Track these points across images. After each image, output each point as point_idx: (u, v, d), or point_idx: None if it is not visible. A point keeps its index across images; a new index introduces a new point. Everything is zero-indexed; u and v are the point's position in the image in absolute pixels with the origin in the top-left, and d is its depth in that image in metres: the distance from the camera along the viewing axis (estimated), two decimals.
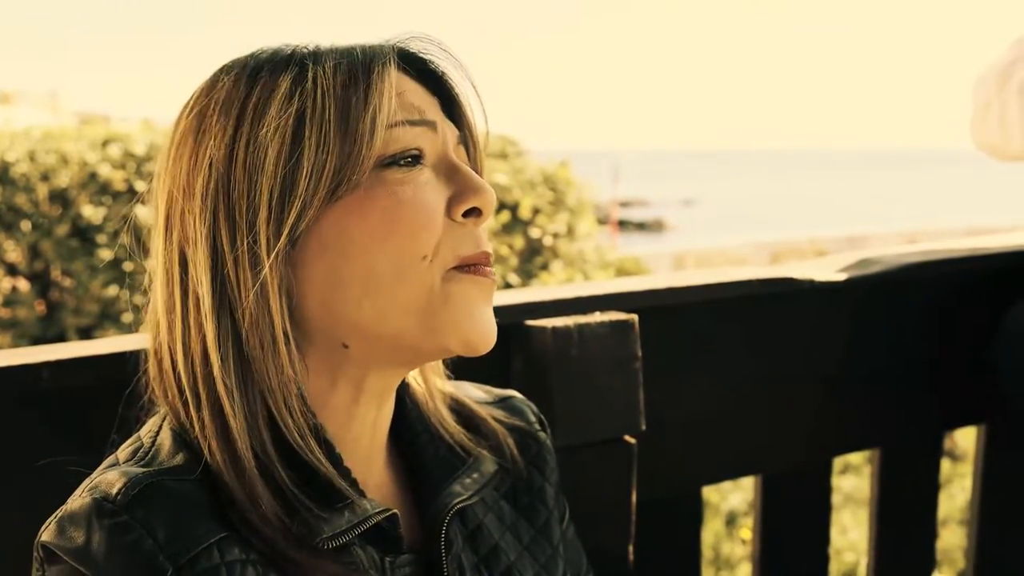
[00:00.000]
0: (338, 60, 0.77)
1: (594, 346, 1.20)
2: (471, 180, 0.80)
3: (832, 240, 17.92)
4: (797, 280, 1.43)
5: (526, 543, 0.92)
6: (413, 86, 0.81)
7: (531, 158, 6.59)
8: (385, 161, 0.77)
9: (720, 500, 4.21)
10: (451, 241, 0.78)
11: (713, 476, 1.52)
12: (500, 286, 6.21)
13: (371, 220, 0.75)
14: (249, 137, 0.74)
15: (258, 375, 0.74)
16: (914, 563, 1.73)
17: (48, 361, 1.03)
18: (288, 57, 0.78)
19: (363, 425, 0.82)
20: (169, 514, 0.71)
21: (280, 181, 0.74)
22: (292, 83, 0.75)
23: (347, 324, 0.77)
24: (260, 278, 0.74)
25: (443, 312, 0.77)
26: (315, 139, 0.74)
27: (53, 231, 5.33)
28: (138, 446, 0.78)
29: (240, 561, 0.72)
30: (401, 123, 0.77)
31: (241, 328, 0.74)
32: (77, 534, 0.70)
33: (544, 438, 0.99)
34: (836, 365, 1.54)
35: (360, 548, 0.78)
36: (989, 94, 1.56)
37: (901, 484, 1.67)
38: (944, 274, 1.61)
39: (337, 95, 0.75)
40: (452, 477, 0.87)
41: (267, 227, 0.74)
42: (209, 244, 0.75)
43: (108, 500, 0.71)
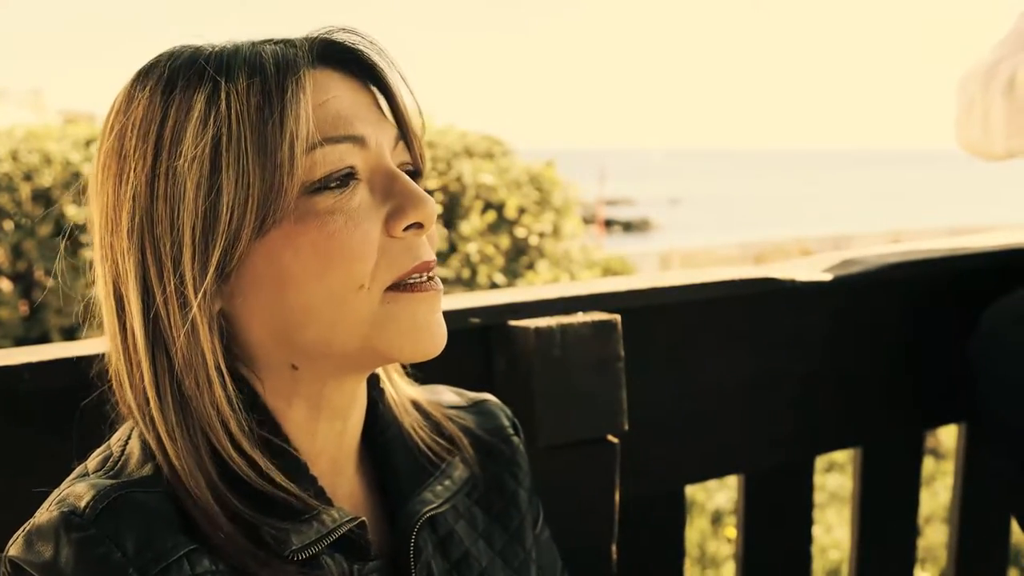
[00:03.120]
0: (251, 75, 0.72)
1: (577, 346, 1.20)
2: (409, 193, 0.76)
3: (817, 240, 17.99)
4: (779, 280, 1.44)
5: (498, 549, 0.92)
6: (340, 85, 0.77)
7: (517, 158, 6.59)
8: (313, 187, 0.74)
9: (706, 499, 4.22)
10: (388, 260, 0.76)
11: (696, 475, 1.52)
12: (486, 286, 6.22)
13: (303, 254, 0.73)
14: (168, 168, 0.72)
15: (196, 413, 0.73)
16: (896, 560, 1.74)
17: (29, 363, 1.02)
18: (201, 69, 0.73)
19: (327, 438, 0.82)
20: (138, 527, 0.70)
21: (202, 217, 0.71)
22: (206, 104, 0.72)
23: (293, 349, 0.77)
24: (189, 319, 0.72)
25: (386, 331, 0.76)
26: (233, 171, 0.71)
27: (36, 231, 5.30)
28: (108, 455, 0.78)
29: (210, 572, 0.71)
30: (325, 142, 0.74)
31: (176, 366, 0.73)
32: (45, 548, 0.69)
33: (517, 443, 0.98)
34: (818, 364, 1.55)
35: (329, 557, 0.77)
36: (973, 94, 1.57)
37: (883, 482, 1.68)
38: (925, 274, 1.62)
39: (252, 121, 0.71)
40: (423, 485, 0.87)
41: (192, 266, 0.72)
42: (139, 282, 0.74)
43: (76, 513, 0.70)
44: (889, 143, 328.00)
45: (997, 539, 1.87)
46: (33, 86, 71.90)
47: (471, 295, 1.29)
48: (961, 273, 1.67)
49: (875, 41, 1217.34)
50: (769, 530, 1.58)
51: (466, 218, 5.67)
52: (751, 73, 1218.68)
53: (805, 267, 1.52)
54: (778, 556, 1.60)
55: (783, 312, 1.50)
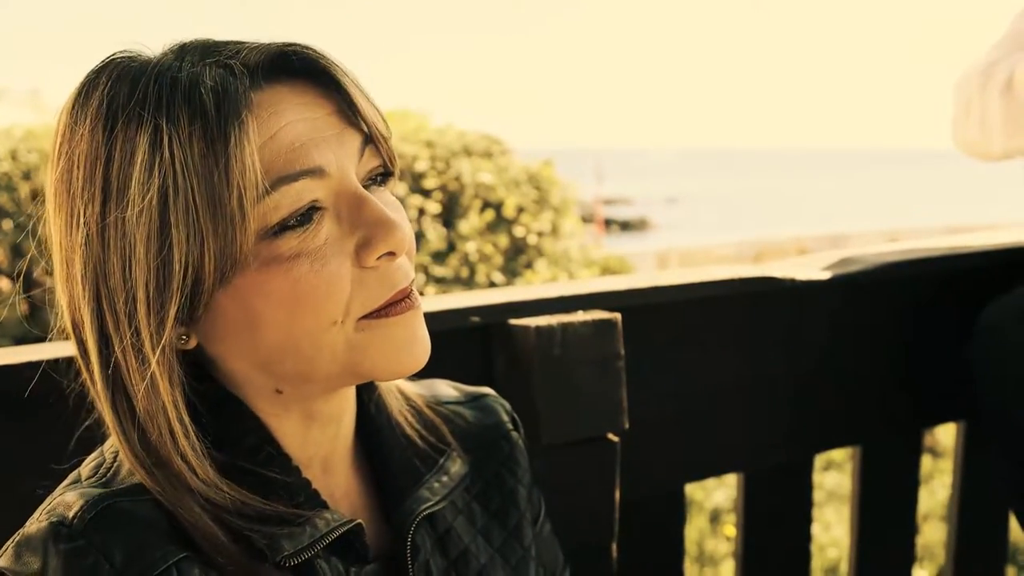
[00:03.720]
0: (191, 118, 0.68)
1: (577, 345, 1.21)
2: (377, 221, 0.73)
3: (815, 238, 18.00)
4: (778, 279, 1.44)
5: (497, 546, 0.91)
6: (293, 105, 0.72)
7: (515, 157, 6.59)
8: (272, 230, 0.70)
9: (704, 497, 4.22)
10: (363, 292, 0.74)
11: (696, 474, 1.53)
12: (485, 284, 6.23)
13: (272, 301, 0.71)
14: (117, 218, 0.69)
15: (166, 458, 0.72)
16: (894, 558, 1.75)
17: (30, 361, 1.03)
18: (142, 98, 0.69)
19: (320, 443, 0.82)
20: (126, 537, 0.69)
21: (155, 273, 0.69)
22: (150, 148, 0.68)
23: (275, 378, 0.76)
24: (148, 374, 0.70)
25: (365, 356, 0.75)
26: (184, 226, 0.68)
27: (36, 230, 5.31)
28: (100, 461, 0.77)
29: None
30: (280, 182, 0.70)
31: (139, 415, 0.72)
32: (33, 560, 0.68)
33: (517, 438, 0.97)
34: (817, 363, 1.56)
35: (324, 561, 0.77)
36: (970, 94, 1.58)
37: (881, 481, 1.69)
38: (923, 273, 1.63)
39: (198, 171, 0.67)
40: (420, 482, 0.86)
41: (148, 322, 0.69)
42: (96, 332, 0.72)
43: (65, 524, 0.69)
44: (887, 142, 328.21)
45: (995, 537, 1.88)
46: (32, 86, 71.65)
47: (471, 294, 1.29)
48: (959, 272, 1.67)
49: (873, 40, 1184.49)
50: (768, 529, 1.58)
51: (465, 217, 5.68)
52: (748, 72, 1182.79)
53: (804, 266, 1.52)
54: (777, 555, 1.60)
55: (782, 311, 1.51)
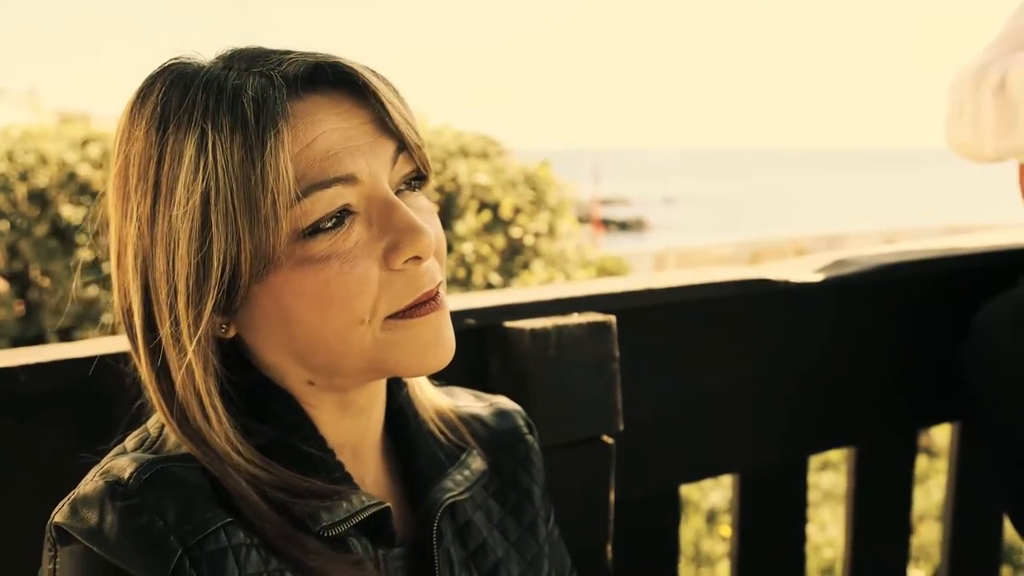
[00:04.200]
0: (233, 125, 0.73)
1: (572, 347, 1.21)
2: (405, 226, 0.77)
3: (812, 239, 18.03)
4: (773, 281, 1.45)
5: (513, 541, 0.95)
6: (330, 114, 0.76)
7: (512, 158, 6.60)
8: (305, 232, 0.75)
9: (701, 498, 4.23)
10: (389, 294, 0.77)
11: (691, 475, 1.53)
12: (482, 285, 6.21)
13: (304, 299, 0.75)
14: (164, 215, 0.74)
15: (207, 438, 0.77)
16: (889, 558, 1.75)
17: (26, 364, 1.03)
18: (191, 104, 0.74)
19: (352, 431, 0.85)
20: (178, 498, 0.74)
21: (195, 269, 0.74)
22: (196, 152, 0.73)
23: (307, 369, 0.81)
24: (185, 362, 0.75)
25: (391, 354, 0.79)
26: (222, 226, 0.73)
27: (32, 231, 5.30)
28: (145, 436, 0.81)
29: (245, 545, 0.75)
30: (313, 189, 0.74)
31: (177, 395, 0.77)
32: (91, 515, 0.72)
33: (532, 441, 1.02)
34: (812, 365, 1.56)
35: (356, 540, 0.81)
36: (964, 95, 1.58)
37: (876, 482, 1.69)
38: (917, 275, 1.63)
39: (237, 176, 0.72)
40: (444, 473, 0.90)
41: (187, 313, 0.74)
42: (143, 317, 0.77)
43: (120, 484, 0.73)
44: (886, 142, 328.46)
45: (990, 537, 1.88)
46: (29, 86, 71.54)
47: (466, 296, 1.29)
48: (954, 273, 1.68)
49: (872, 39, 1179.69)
50: (764, 529, 1.59)
51: (461, 218, 5.68)
52: (746, 72, 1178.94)
53: (799, 268, 1.53)
54: (772, 555, 1.61)
55: (778, 313, 1.51)
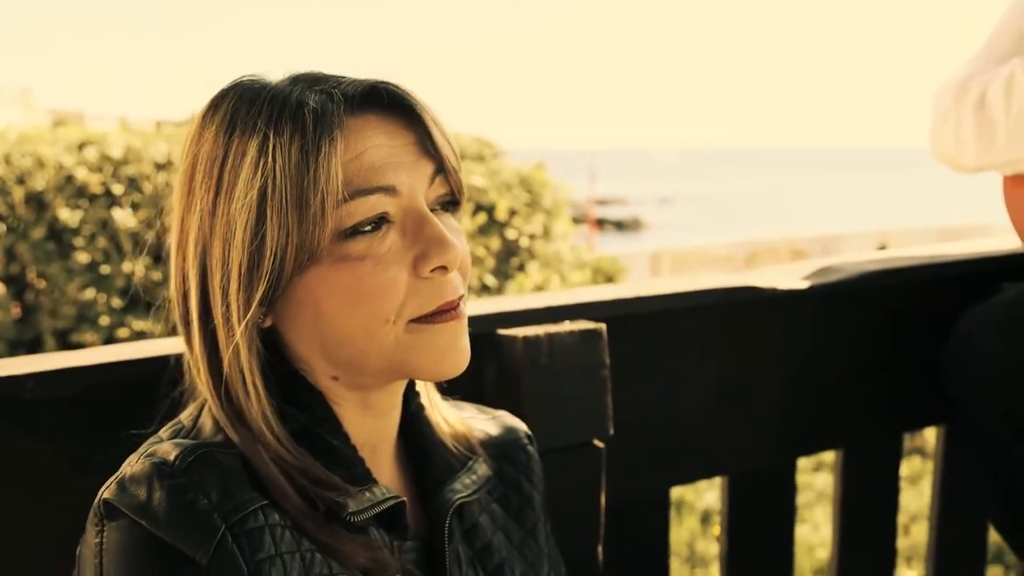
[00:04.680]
0: (293, 131, 0.81)
1: (563, 354, 1.25)
2: (435, 239, 0.84)
3: (808, 240, 18.08)
4: (761, 288, 1.48)
5: (516, 543, 1.01)
6: (379, 130, 0.85)
7: (507, 160, 6.63)
8: (346, 232, 0.82)
9: (695, 498, 4.26)
10: (415, 298, 0.85)
11: (681, 478, 1.56)
12: (477, 287, 6.23)
13: (337, 294, 0.83)
14: (225, 207, 0.82)
15: (248, 415, 0.84)
16: (877, 559, 1.78)
17: (33, 372, 1.05)
18: (257, 113, 0.82)
19: (371, 431, 0.92)
20: (219, 480, 0.79)
21: (248, 257, 0.81)
22: (257, 153, 0.81)
23: (332, 364, 0.87)
24: (233, 343, 0.83)
25: (411, 357, 0.86)
26: (276, 220, 0.80)
27: (29, 234, 5.32)
28: (179, 427, 0.87)
29: (280, 526, 0.80)
30: (357, 194, 0.82)
31: (224, 373, 0.84)
32: (140, 492, 0.77)
33: (532, 451, 1.08)
34: (799, 369, 1.60)
35: (375, 529, 0.86)
36: (947, 108, 1.61)
37: (863, 483, 1.73)
38: (901, 282, 1.67)
39: (292, 176, 0.80)
40: (453, 477, 0.96)
41: (238, 298, 0.82)
42: (200, 302, 0.85)
43: (167, 464, 0.79)
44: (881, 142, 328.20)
45: (976, 538, 1.92)
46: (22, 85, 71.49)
47: None
48: (936, 280, 1.71)
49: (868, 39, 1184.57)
50: (753, 529, 1.62)
51: None
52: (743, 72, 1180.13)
53: (786, 275, 1.56)
54: (761, 555, 1.64)
55: (765, 319, 1.55)
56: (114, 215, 5.33)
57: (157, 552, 0.76)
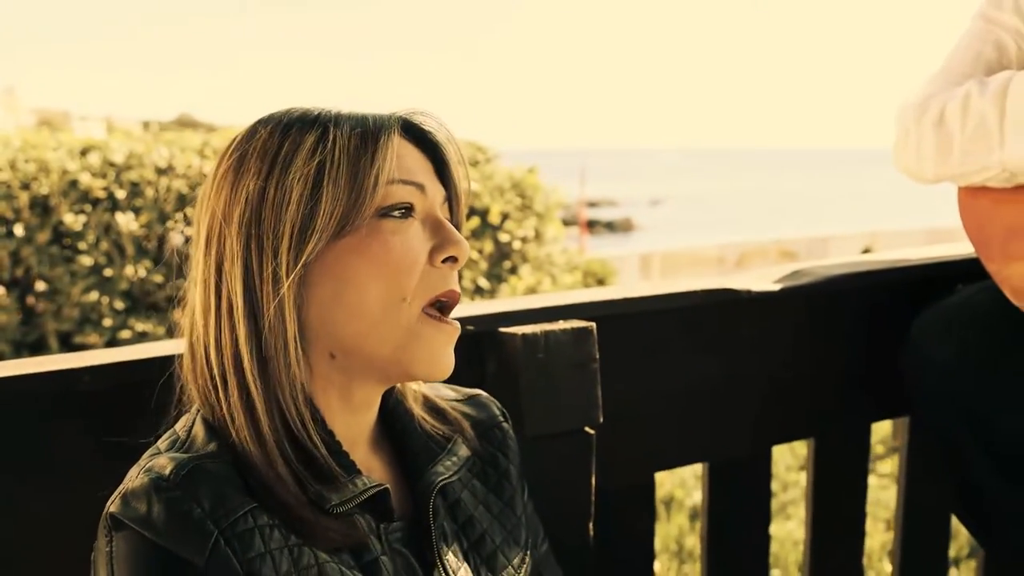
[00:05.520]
0: (354, 126, 0.94)
1: (558, 350, 1.39)
2: (451, 234, 0.98)
3: (797, 241, 18.24)
4: (736, 291, 1.63)
5: (495, 513, 1.11)
6: (412, 151, 0.99)
7: (500, 164, 6.75)
8: (383, 211, 0.94)
9: (684, 496, 4.36)
10: (426, 283, 0.96)
11: (665, 463, 1.71)
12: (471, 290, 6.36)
13: (366, 259, 0.93)
14: (279, 180, 0.92)
15: (272, 371, 0.92)
16: (846, 543, 1.92)
17: (89, 366, 1.18)
18: (314, 119, 0.95)
19: (350, 426, 1.00)
20: (211, 489, 0.88)
21: (300, 219, 0.91)
22: (316, 140, 0.93)
23: (336, 338, 0.95)
24: (279, 294, 0.91)
25: (411, 349, 0.96)
26: (331, 188, 0.91)
27: (34, 238, 5.44)
28: (175, 438, 0.95)
29: (268, 525, 0.89)
30: (398, 181, 0.95)
31: (263, 332, 0.92)
32: (140, 505, 0.87)
33: (507, 428, 1.18)
34: (773, 365, 1.74)
35: (360, 516, 0.95)
36: (908, 124, 1.74)
37: (833, 470, 1.87)
38: (867, 284, 1.81)
39: (351, 155, 0.92)
40: (435, 460, 1.06)
41: (287, 254, 0.91)
42: (243, 262, 0.93)
43: (163, 479, 0.87)
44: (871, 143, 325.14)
45: (940, 527, 2.05)
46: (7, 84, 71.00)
47: (465, 305, 1.47)
48: (897, 283, 1.85)
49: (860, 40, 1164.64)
50: (731, 513, 1.76)
51: None
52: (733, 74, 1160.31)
53: (760, 279, 1.70)
54: (739, 536, 1.78)
55: (741, 318, 1.69)
56: (117, 219, 5.45)
57: (159, 558, 0.85)
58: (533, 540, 1.16)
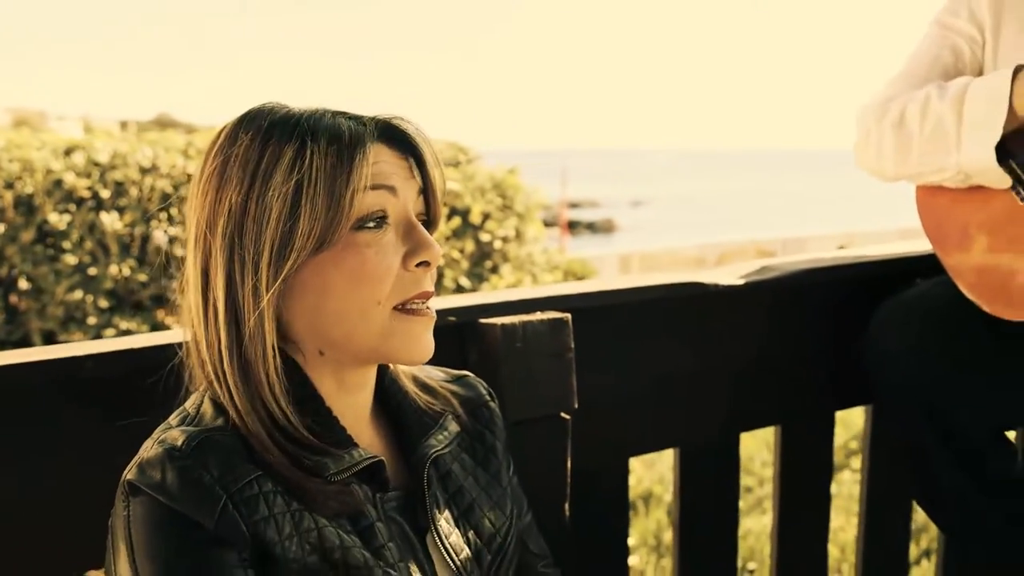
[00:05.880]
0: (330, 140, 0.98)
1: (535, 340, 1.47)
2: (423, 239, 1.03)
3: (774, 242, 18.39)
4: (705, 284, 1.71)
5: (483, 485, 1.19)
6: (387, 153, 1.03)
7: (481, 164, 6.81)
8: (358, 223, 0.99)
9: (663, 492, 4.43)
10: (400, 286, 1.02)
11: (638, 448, 1.79)
12: (452, 288, 6.42)
13: (343, 273, 0.99)
14: (260, 195, 0.97)
15: (255, 376, 0.99)
16: (811, 523, 2.01)
17: (91, 354, 1.25)
18: (294, 128, 0.98)
19: (348, 403, 1.08)
20: (219, 458, 0.96)
21: (280, 236, 0.97)
22: (294, 154, 0.97)
23: (322, 339, 1.03)
24: (260, 307, 0.98)
25: (392, 341, 1.03)
26: (308, 208, 0.96)
27: (18, 237, 5.47)
28: (185, 414, 1.03)
29: (272, 492, 0.97)
30: (370, 188, 1.00)
31: (244, 340, 0.99)
32: (155, 473, 0.95)
33: (494, 407, 1.26)
34: (741, 355, 1.82)
35: (357, 486, 1.03)
36: (869, 125, 1.83)
37: (799, 457, 1.96)
38: (829, 279, 1.90)
39: (327, 174, 0.97)
40: (427, 434, 1.14)
41: (267, 270, 0.97)
42: (225, 273, 0.99)
43: (176, 449, 0.96)
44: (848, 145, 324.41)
45: (902, 513, 2.14)
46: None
47: (448, 298, 1.54)
48: (859, 277, 1.94)
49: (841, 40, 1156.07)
50: (701, 496, 1.84)
51: None
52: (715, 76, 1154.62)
53: (728, 274, 1.79)
54: (708, 518, 1.86)
55: (711, 311, 1.77)
56: (101, 218, 5.49)
57: (173, 521, 0.93)
58: (518, 511, 1.24)
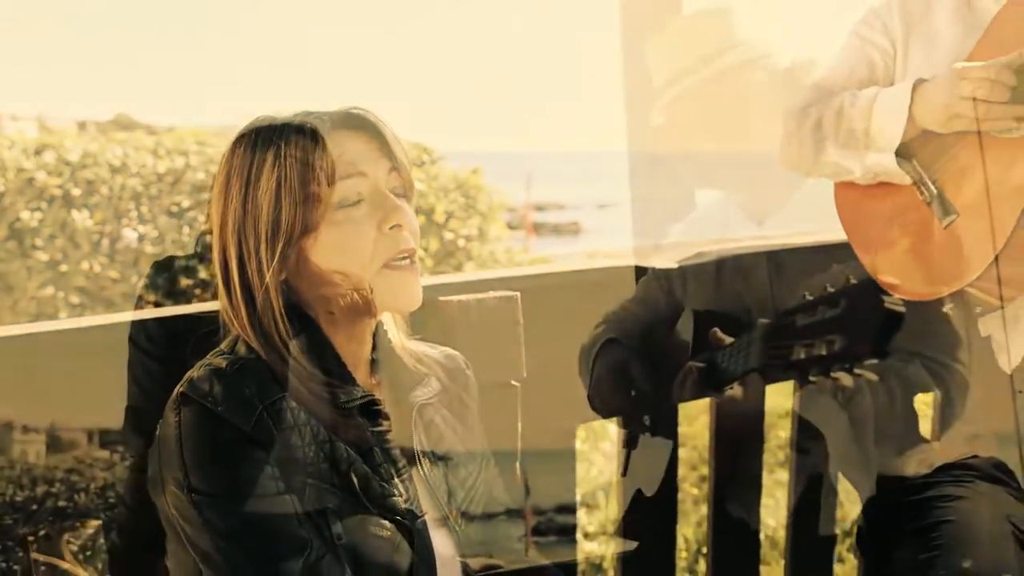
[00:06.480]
0: (296, 140, 1.20)
1: (488, 315, 1.66)
2: (392, 207, 1.23)
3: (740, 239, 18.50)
4: (640, 267, 1.90)
5: (459, 436, 1.40)
6: (353, 139, 1.23)
7: (445, 164, 6.92)
8: (337, 206, 1.21)
9: None
10: (381, 247, 1.23)
11: (585, 417, 1.97)
12: None
13: (328, 246, 1.21)
14: (252, 196, 1.20)
15: (269, 335, 1.21)
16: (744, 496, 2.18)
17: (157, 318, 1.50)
18: (271, 134, 1.21)
19: (354, 352, 1.28)
20: (256, 378, 1.18)
21: (270, 226, 1.20)
22: (272, 158, 1.20)
23: (327, 303, 1.25)
24: (264, 284, 1.21)
25: (384, 294, 1.25)
26: (288, 200, 1.19)
27: None
28: (221, 351, 1.23)
29: (296, 409, 1.18)
30: (342, 179, 1.21)
31: (258, 311, 1.21)
32: (204, 386, 1.16)
33: (470, 374, 1.47)
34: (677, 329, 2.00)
35: (360, 416, 1.24)
36: (792, 127, 2.00)
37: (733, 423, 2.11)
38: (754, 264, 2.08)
39: (299, 172, 1.19)
40: (416, 386, 1.35)
41: (266, 254, 1.20)
42: (237, 259, 1.22)
43: (220, 369, 1.18)
44: None
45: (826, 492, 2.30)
46: None
47: None
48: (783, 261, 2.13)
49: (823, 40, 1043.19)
50: None
51: None
52: None
53: (665, 259, 1.98)
54: None
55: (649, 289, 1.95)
56: (72, 216, 5.60)
57: (217, 424, 1.15)
58: (486, 460, 1.44)
